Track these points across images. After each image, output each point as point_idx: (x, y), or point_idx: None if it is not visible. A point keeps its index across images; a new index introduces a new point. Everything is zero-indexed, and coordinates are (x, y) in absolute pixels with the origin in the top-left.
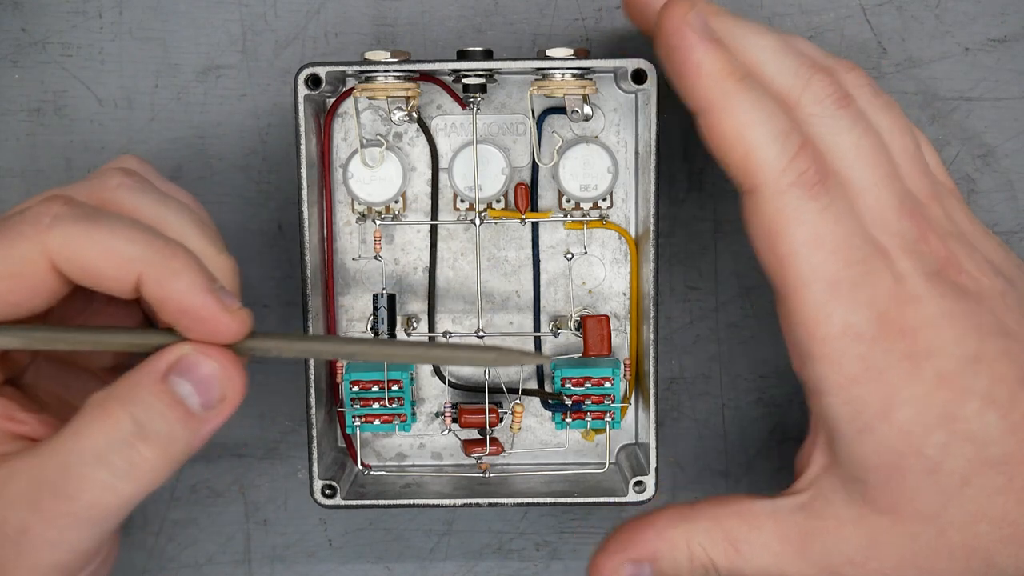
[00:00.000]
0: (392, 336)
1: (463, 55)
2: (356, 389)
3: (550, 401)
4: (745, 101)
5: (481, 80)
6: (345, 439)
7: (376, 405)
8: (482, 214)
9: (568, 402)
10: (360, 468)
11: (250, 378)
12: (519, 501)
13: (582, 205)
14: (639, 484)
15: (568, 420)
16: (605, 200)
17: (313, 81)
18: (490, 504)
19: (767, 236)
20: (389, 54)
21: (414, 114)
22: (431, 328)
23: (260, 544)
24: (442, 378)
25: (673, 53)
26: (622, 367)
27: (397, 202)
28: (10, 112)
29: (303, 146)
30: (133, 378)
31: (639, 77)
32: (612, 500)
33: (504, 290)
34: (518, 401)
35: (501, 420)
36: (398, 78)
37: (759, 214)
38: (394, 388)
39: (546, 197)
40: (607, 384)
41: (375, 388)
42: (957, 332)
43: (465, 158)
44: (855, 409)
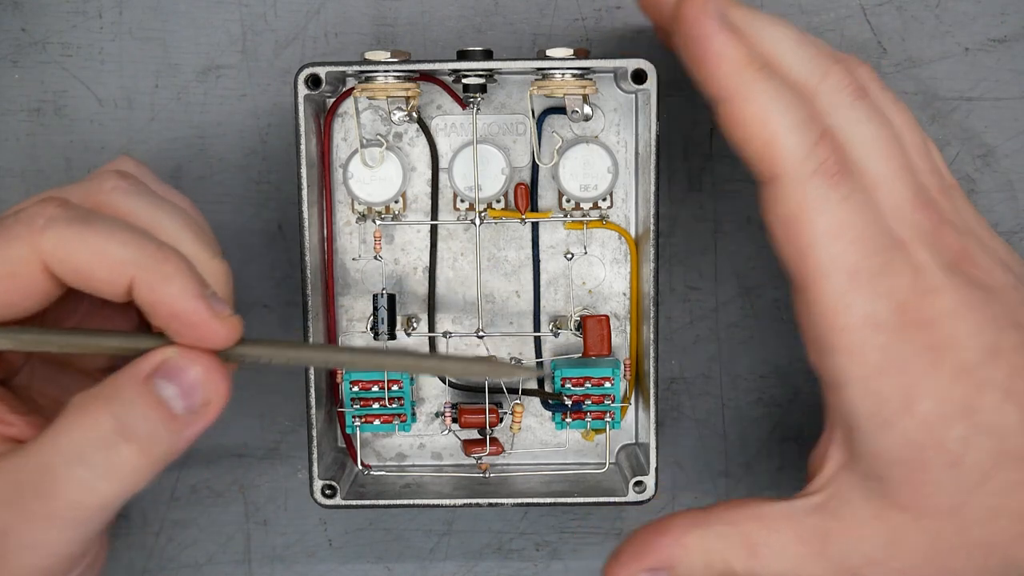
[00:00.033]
0: (392, 336)
1: (463, 55)
2: (356, 389)
3: (550, 401)
4: (766, 90)
5: (481, 80)
6: (345, 439)
7: (376, 405)
8: (482, 214)
9: (568, 402)
10: (360, 468)
11: (250, 378)
12: (519, 501)
13: (582, 205)
14: (639, 484)
15: (568, 420)
16: (605, 200)
17: (313, 81)
18: (490, 504)
19: (787, 225)
20: (389, 54)
21: (414, 114)
22: (431, 328)
23: (260, 544)
24: (442, 378)
25: (692, 42)
26: (622, 367)
27: (397, 202)
28: (10, 112)
29: (303, 146)
30: (117, 379)
31: (639, 77)
32: (612, 500)
33: (504, 290)
34: (518, 401)
35: (501, 420)
36: (398, 78)
37: (780, 203)
38: (394, 388)
39: (546, 197)
40: (607, 384)
41: (375, 388)
42: (975, 324)
43: (465, 158)
44: (876, 402)
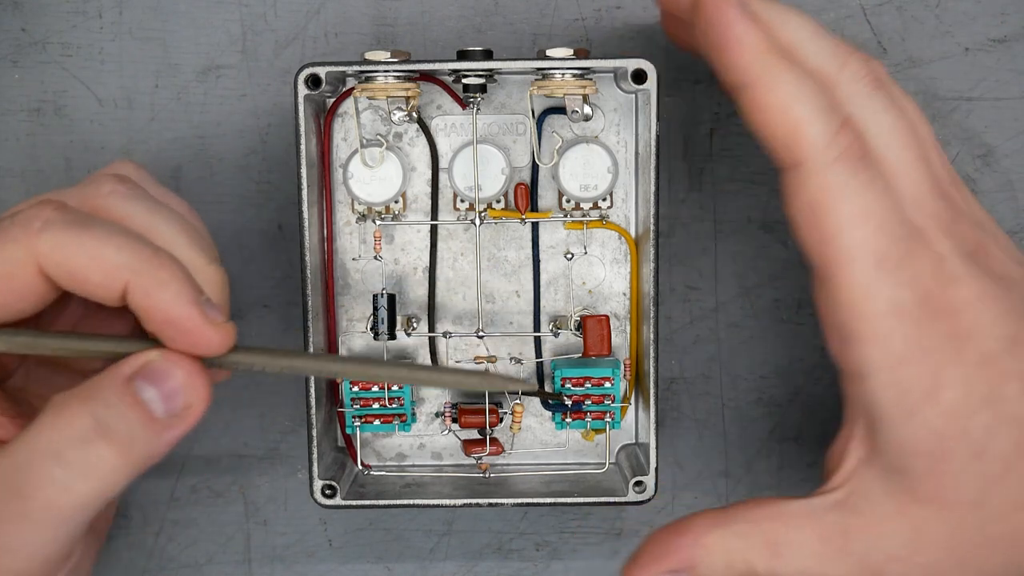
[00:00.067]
0: (392, 336)
1: (463, 55)
2: (356, 389)
3: (550, 401)
4: (788, 76)
5: (481, 80)
6: (345, 439)
7: (376, 405)
8: (482, 214)
9: (568, 402)
10: (360, 468)
11: (250, 378)
12: (519, 501)
13: (582, 205)
14: (639, 484)
15: (568, 420)
16: (605, 200)
17: (313, 81)
18: (490, 504)
19: (811, 212)
20: (389, 54)
21: (414, 114)
22: (431, 328)
23: (260, 544)
24: None
25: (713, 28)
26: (622, 367)
27: (397, 202)
28: (10, 112)
29: (303, 146)
30: (98, 380)
31: (639, 77)
32: (612, 500)
33: (504, 290)
34: (518, 401)
35: (501, 420)
36: (398, 78)
37: (803, 189)
38: (394, 389)
39: (546, 197)
40: (607, 384)
41: (375, 388)
42: (996, 314)
43: (465, 158)
44: (902, 390)
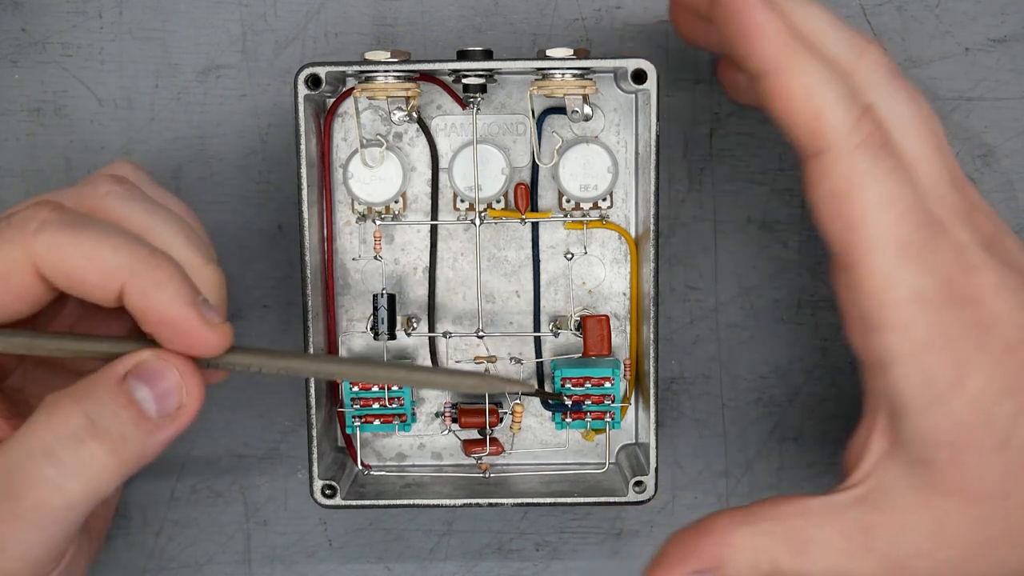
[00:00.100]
0: (392, 336)
1: (463, 55)
2: (356, 389)
3: (550, 401)
4: (811, 63)
5: (481, 80)
6: (345, 439)
7: (376, 405)
8: (482, 214)
9: (568, 402)
10: (360, 468)
11: (250, 378)
12: (519, 501)
13: (582, 205)
14: (639, 484)
15: (568, 420)
16: (605, 200)
17: (313, 81)
18: (490, 504)
19: (835, 198)
20: (389, 54)
21: (414, 114)
22: (431, 328)
23: (260, 544)
24: None
25: (735, 15)
26: (622, 367)
27: (397, 202)
28: (10, 112)
29: (303, 146)
30: (91, 379)
31: (639, 77)
32: (612, 500)
33: (504, 290)
34: (518, 401)
35: (501, 420)
36: (398, 78)
37: (828, 176)
38: (394, 388)
39: (546, 197)
40: (607, 384)
41: (375, 388)
42: (1015, 303)
43: (465, 158)
44: (927, 379)
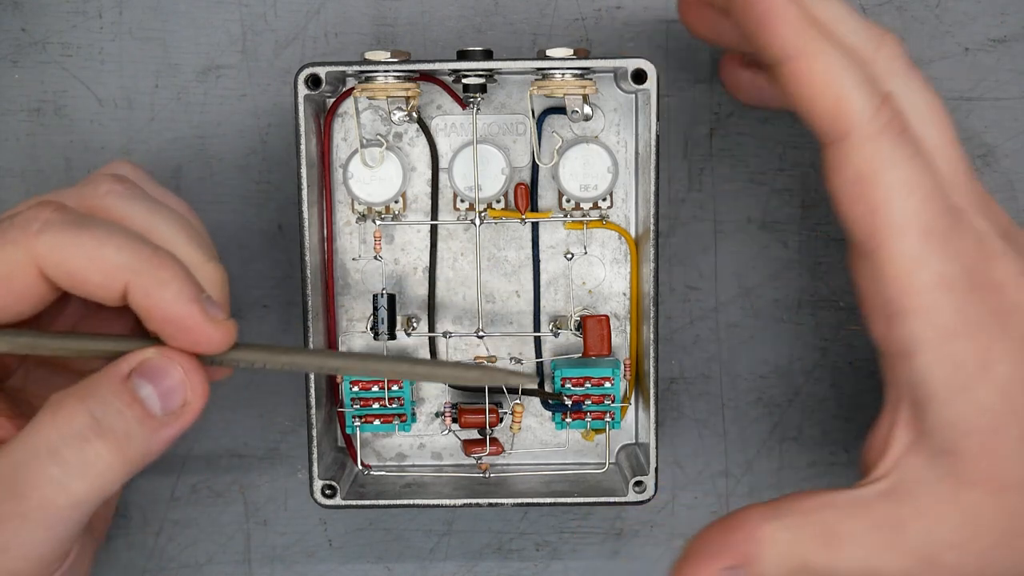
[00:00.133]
0: (392, 337)
1: (463, 55)
2: (356, 389)
3: (550, 401)
4: (830, 49)
5: (481, 80)
6: (345, 439)
7: (376, 405)
8: (482, 214)
9: (568, 402)
10: (360, 468)
11: (250, 378)
12: (519, 501)
13: (582, 205)
14: (639, 484)
15: (568, 420)
16: (605, 200)
17: (313, 81)
18: (490, 504)
19: (857, 183)
20: (389, 54)
21: (414, 114)
22: (431, 328)
23: (260, 544)
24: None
25: (754, 3)
26: (622, 367)
27: (397, 202)
28: (10, 112)
29: (303, 146)
30: (95, 378)
31: (639, 77)
32: (612, 500)
33: (504, 290)
34: (518, 401)
35: (501, 420)
36: (398, 78)
37: (850, 161)
38: (394, 388)
39: (546, 197)
40: (607, 384)
41: (375, 388)
42: None
43: (465, 158)
44: (952, 365)
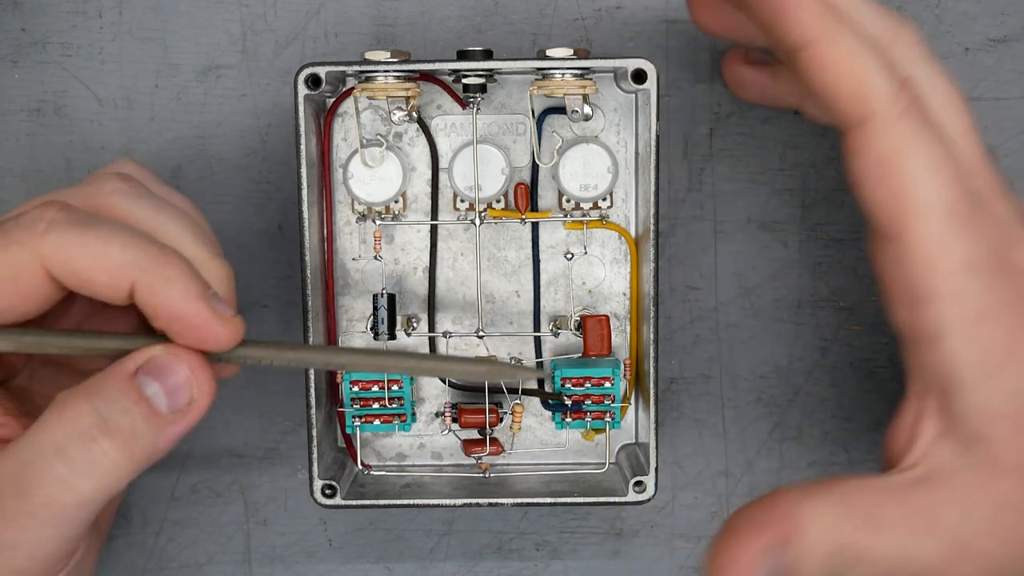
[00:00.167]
0: (392, 336)
1: (463, 55)
2: (356, 389)
3: (550, 401)
4: (850, 33)
5: (481, 80)
6: (345, 439)
7: (376, 405)
8: (482, 214)
9: (568, 402)
10: (360, 468)
11: (250, 378)
12: (519, 501)
13: (582, 205)
14: (639, 484)
15: (568, 420)
16: (605, 200)
17: (313, 81)
18: (490, 504)
19: (880, 166)
20: (389, 54)
21: (414, 114)
22: (431, 328)
23: (260, 544)
24: (442, 378)
25: None
26: (622, 367)
27: (397, 202)
28: (10, 112)
29: (303, 146)
30: (101, 376)
31: (639, 77)
32: (612, 500)
33: (504, 290)
34: (518, 401)
35: (501, 420)
36: (398, 78)
37: (873, 144)
38: (394, 388)
39: (546, 197)
40: (607, 384)
41: (375, 388)
42: None
43: (465, 158)
44: (980, 349)
